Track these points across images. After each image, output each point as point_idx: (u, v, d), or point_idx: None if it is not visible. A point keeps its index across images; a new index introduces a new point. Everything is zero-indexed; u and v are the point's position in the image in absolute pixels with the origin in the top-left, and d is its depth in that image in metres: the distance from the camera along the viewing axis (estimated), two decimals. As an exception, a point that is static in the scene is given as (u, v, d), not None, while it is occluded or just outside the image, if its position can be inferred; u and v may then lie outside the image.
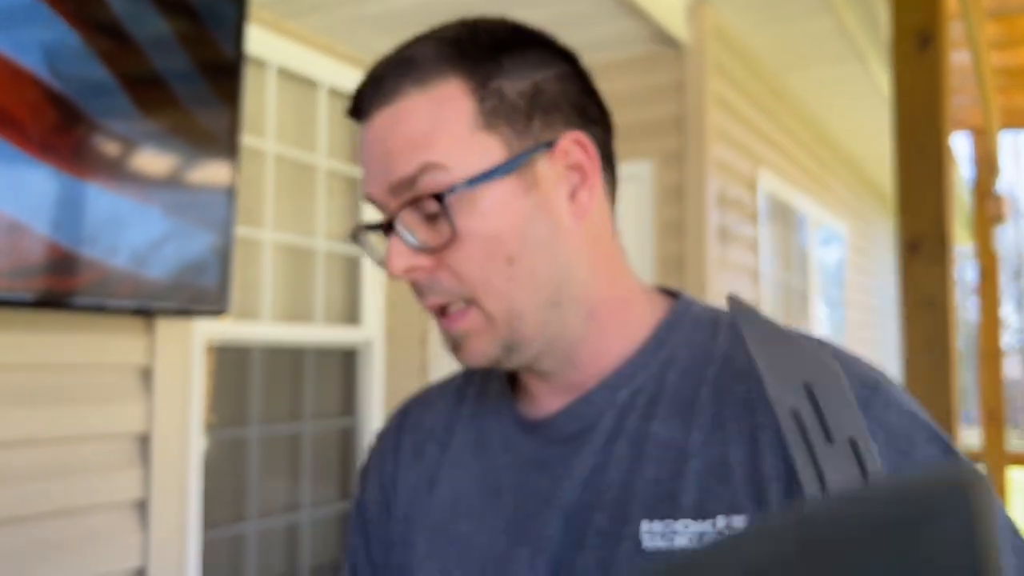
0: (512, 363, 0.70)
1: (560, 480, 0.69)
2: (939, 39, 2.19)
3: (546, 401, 0.73)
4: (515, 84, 0.67)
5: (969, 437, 7.87)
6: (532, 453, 0.72)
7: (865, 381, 0.64)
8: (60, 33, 1.52)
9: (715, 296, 3.04)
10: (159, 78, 1.70)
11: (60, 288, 1.49)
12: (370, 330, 2.99)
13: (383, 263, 0.69)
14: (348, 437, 3.03)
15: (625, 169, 1.73)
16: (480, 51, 0.67)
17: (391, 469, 0.82)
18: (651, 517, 0.64)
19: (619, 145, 0.74)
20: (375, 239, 0.72)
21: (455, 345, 0.70)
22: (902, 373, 2.11)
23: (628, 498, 0.65)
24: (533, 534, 0.69)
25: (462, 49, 0.67)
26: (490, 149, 0.66)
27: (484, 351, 0.68)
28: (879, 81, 3.81)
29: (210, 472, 2.26)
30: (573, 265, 0.68)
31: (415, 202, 0.66)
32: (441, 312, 0.69)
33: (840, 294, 5.29)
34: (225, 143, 1.84)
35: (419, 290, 0.69)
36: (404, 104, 0.66)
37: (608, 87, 0.75)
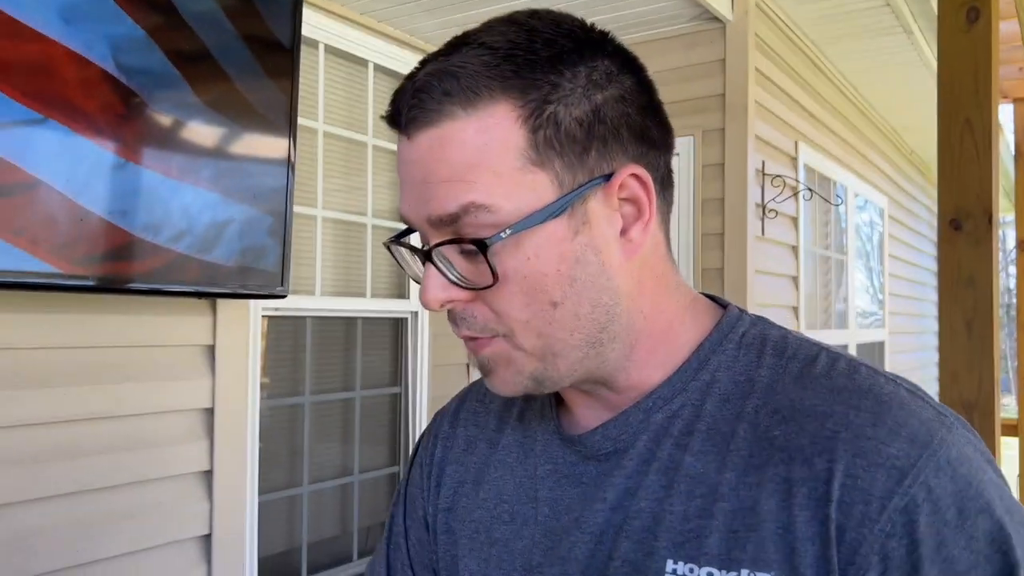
0: (543, 392, 0.68)
1: (592, 501, 0.68)
2: (988, 12, 2.15)
3: (584, 415, 0.71)
4: (573, 109, 0.61)
5: (1006, 407, 7.81)
6: (569, 467, 0.71)
7: (915, 438, 0.58)
8: (125, 27, 1.58)
9: (755, 274, 3.07)
10: (217, 65, 1.76)
11: (129, 273, 1.58)
12: (417, 303, 3.07)
13: (417, 280, 0.66)
14: (396, 404, 3.13)
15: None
16: (536, 66, 0.61)
17: (440, 456, 0.82)
18: (676, 557, 0.62)
19: (661, 123, 0.68)
20: (408, 253, 0.68)
21: (484, 371, 0.68)
22: (940, 352, 2.13)
23: (655, 530, 0.64)
24: (563, 552, 0.68)
25: (516, 63, 0.60)
26: (540, 187, 0.61)
27: (513, 383, 0.66)
28: (924, 52, 3.76)
29: (265, 438, 2.36)
30: (618, 304, 0.65)
31: (455, 240, 0.61)
32: (470, 337, 0.66)
33: (879, 267, 5.27)
34: (283, 128, 1.91)
35: (452, 318, 0.65)
36: (448, 128, 0.60)
37: (650, 64, 0.67)
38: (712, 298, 0.74)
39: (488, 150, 0.60)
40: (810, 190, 3.68)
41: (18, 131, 1.39)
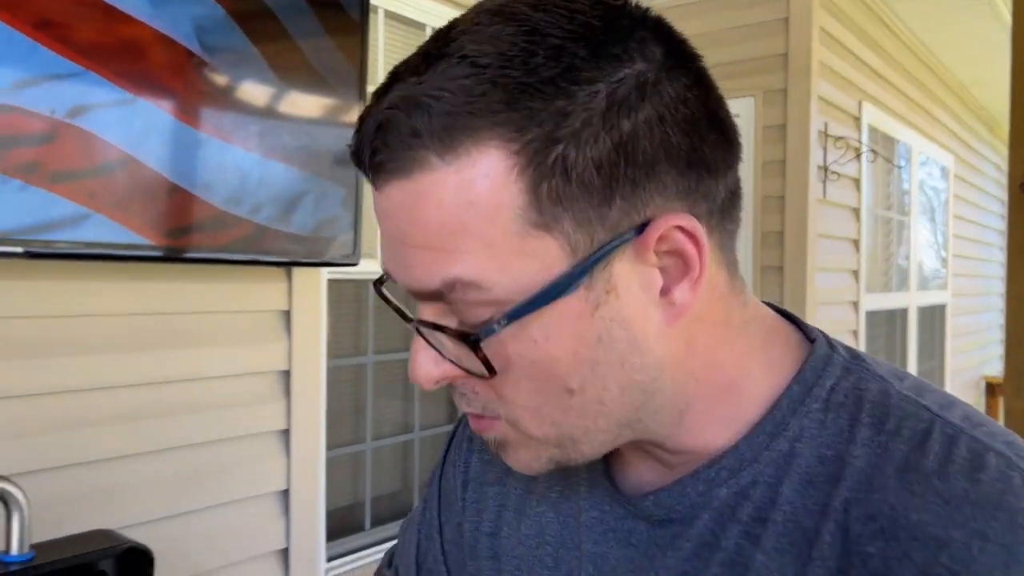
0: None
1: (644, 572, 0.57)
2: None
3: (635, 467, 0.60)
4: (589, 147, 0.45)
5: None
6: (617, 520, 0.59)
7: None
8: (206, 8, 1.64)
9: (816, 237, 3.05)
10: (290, 38, 1.81)
11: (213, 244, 1.65)
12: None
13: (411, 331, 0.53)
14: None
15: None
16: (537, 91, 0.45)
17: (478, 470, 0.71)
18: None
19: (721, 84, 0.52)
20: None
21: (495, 449, 0.57)
22: (1006, 322, 2.11)
23: None
24: None
25: (508, 90, 0.45)
26: (546, 254, 0.46)
27: (530, 465, 0.55)
28: (996, 2, 3.64)
29: (330, 397, 2.46)
30: (659, 378, 0.51)
31: (439, 327, 0.50)
32: (473, 414, 0.55)
33: (943, 229, 5.16)
34: (354, 97, 1.96)
35: (452, 390, 0.55)
36: (421, 181, 0.46)
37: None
38: (794, 320, 0.59)
39: (474, 212, 0.46)
40: (874, 152, 3.62)
41: (113, 111, 1.47)
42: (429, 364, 0.51)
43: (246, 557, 1.82)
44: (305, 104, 1.85)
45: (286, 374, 1.92)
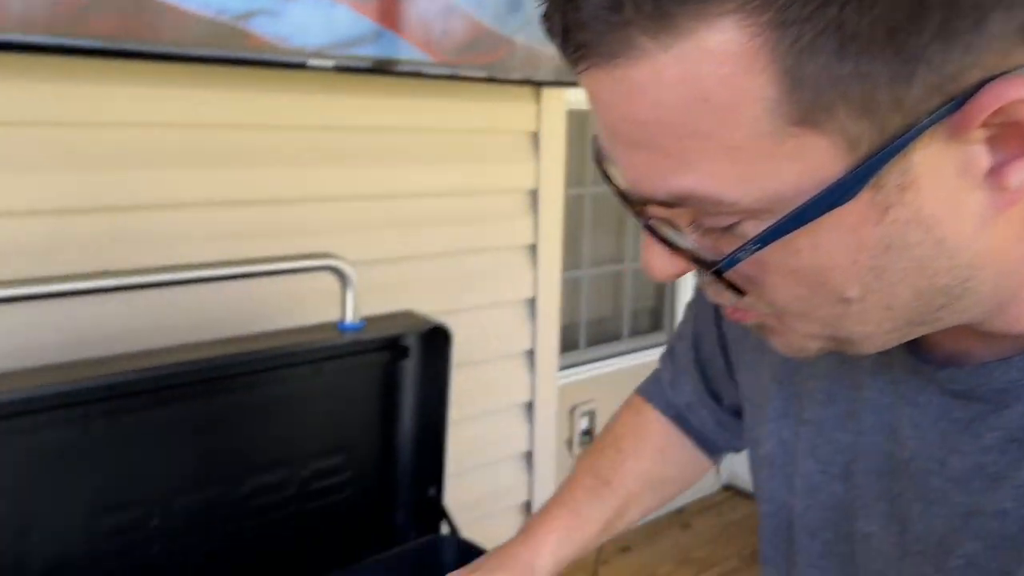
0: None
1: (946, 458, 0.48)
2: None
3: (945, 335, 0.48)
4: (878, 2, 0.32)
5: None
6: (907, 376, 0.51)
7: None
8: None
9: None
10: None
11: (482, 62, 1.76)
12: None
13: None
14: (666, 201, 3.26)
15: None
16: None
17: (735, 339, 0.69)
18: None
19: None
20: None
21: (755, 332, 0.50)
22: None
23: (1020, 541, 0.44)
24: (899, 516, 0.51)
25: None
26: (812, 157, 0.36)
27: (799, 347, 0.48)
28: None
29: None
30: (971, 278, 0.42)
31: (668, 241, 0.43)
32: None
33: None
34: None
35: (699, 283, 0.49)
36: (631, 71, 0.36)
37: None
38: None
39: (707, 111, 0.35)
40: None
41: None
42: (664, 260, 0.44)
43: (500, 355, 2.03)
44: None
45: (534, 193, 2.05)
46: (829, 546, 0.58)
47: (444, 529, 1.42)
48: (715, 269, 0.40)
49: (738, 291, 0.42)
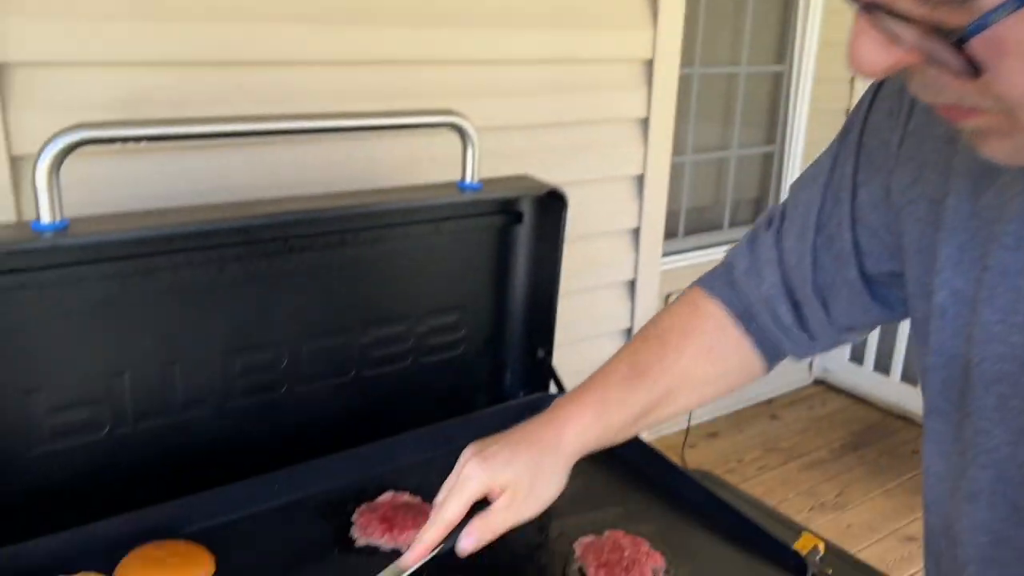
0: None
1: None
2: None
3: None
4: None
5: None
6: None
7: None
8: None
9: None
10: None
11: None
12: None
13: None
14: (779, 83, 3.12)
15: None
16: None
17: (919, 124, 0.61)
18: None
19: None
20: None
21: (968, 137, 0.47)
22: None
23: None
24: None
25: None
26: None
27: (1013, 154, 0.45)
28: None
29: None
30: None
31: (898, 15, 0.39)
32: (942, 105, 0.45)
33: None
34: None
35: (908, 77, 0.44)
36: None
37: None
38: None
39: None
40: None
41: None
42: (876, 51, 0.40)
43: (607, 231, 2.02)
44: None
45: (649, 64, 1.98)
46: (1004, 399, 0.55)
47: (552, 390, 1.45)
48: (959, 37, 0.36)
49: (974, 71, 0.38)
